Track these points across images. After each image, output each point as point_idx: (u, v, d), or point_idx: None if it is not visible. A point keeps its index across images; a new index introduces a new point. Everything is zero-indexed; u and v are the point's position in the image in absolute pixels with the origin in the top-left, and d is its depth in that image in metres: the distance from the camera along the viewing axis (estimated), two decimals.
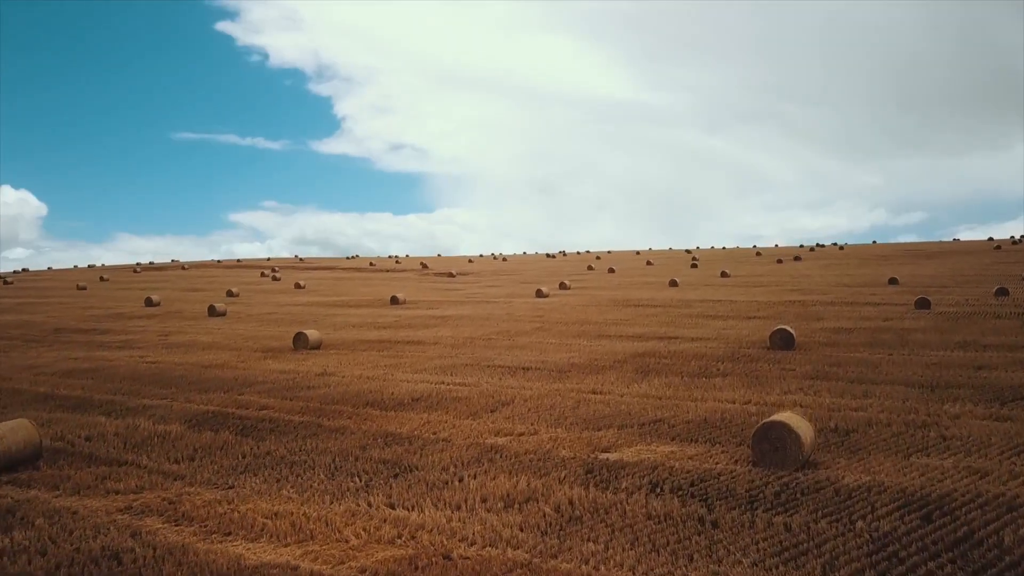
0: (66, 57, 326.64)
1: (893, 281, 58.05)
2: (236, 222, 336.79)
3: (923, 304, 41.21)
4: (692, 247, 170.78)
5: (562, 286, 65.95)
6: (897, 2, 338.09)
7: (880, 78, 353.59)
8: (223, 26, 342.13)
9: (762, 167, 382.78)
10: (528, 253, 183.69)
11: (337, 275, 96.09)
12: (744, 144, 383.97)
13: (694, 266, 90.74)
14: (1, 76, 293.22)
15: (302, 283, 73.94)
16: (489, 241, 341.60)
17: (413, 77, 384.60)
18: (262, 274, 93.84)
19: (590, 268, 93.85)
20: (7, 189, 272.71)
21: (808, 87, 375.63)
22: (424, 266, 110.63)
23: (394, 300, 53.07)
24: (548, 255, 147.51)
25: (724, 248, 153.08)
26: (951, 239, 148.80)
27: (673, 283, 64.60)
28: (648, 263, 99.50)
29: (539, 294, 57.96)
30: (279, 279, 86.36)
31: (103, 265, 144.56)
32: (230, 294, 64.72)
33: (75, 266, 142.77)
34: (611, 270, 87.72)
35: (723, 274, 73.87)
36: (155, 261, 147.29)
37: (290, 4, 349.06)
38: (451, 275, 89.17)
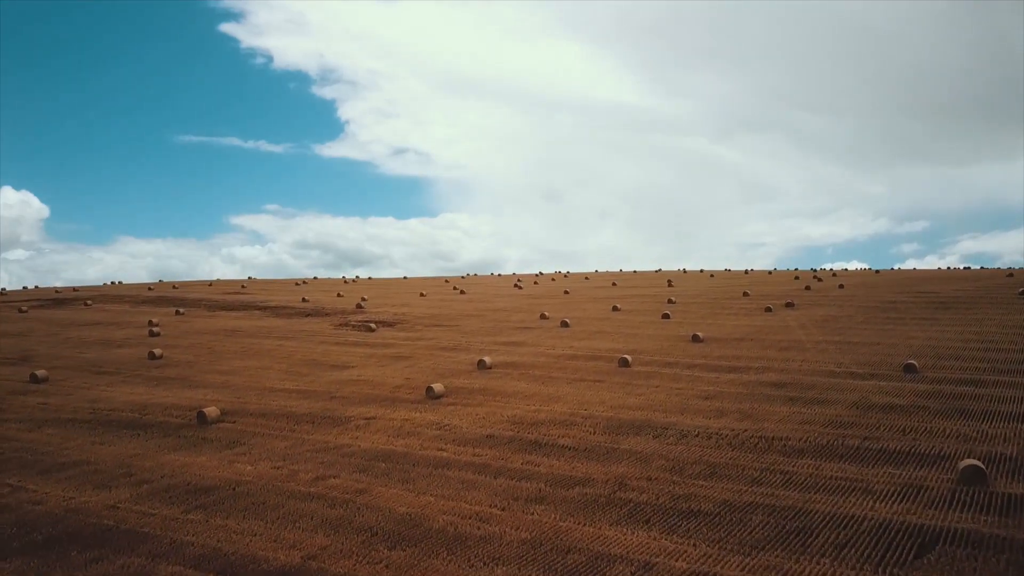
0: (69, 58, 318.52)
1: (910, 368, 43.69)
2: (237, 225, 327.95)
3: (975, 476, 26.22)
4: (680, 268, 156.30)
5: (480, 365, 50.71)
6: (902, 10, 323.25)
7: (886, 86, 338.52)
8: (227, 28, 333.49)
9: (766, 175, 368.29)
10: (503, 274, 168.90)
11: (240, 323, 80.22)
12: (749, 152, 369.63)
13: (666, 316, 74.92)
14: (4, 77, 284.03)
15: (157, 352, 58.14)
16: (492, 248, 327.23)
17: (417, 81, 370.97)
18: (149, 322, 78.09)
19: (543, 317, 77.94)
20: (9, 190, 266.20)
21: (814, 95, 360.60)
22: (360, 305, 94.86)
23: (201, 419, 37.16)
24: (517, 284, 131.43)
25: (712, 275, 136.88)
26: (962, 266, 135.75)
27: (624, 363, 49.46)
28: (615, 308, 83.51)
29: (429, 394, 42.63)
30: (156, 334, 70.62)
31: (50, 287, 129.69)
32: (34, 378, 49.02)
33: (24, 286, 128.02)
34: (564, 323, 71.89)
35: (695, 338, 58.62)
36: (87, 285, 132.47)
37: (295, 7, 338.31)
38: (371, 328, 73.36)
